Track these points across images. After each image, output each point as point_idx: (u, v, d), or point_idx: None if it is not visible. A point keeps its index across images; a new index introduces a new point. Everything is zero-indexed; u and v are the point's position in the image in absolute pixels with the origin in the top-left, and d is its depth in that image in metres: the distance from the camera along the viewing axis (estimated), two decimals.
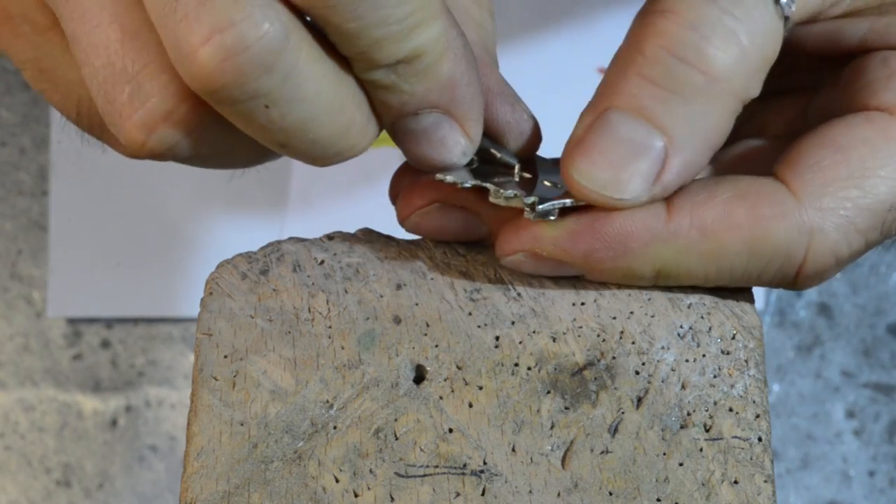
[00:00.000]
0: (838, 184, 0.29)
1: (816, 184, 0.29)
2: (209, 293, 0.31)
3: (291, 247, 0.32)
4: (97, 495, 0.62)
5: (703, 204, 0.29)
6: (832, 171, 0.29)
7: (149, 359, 0.63)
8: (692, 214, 0.29)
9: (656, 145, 0.28)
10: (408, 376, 0.30)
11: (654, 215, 0.29)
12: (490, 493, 0.29)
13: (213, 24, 0.24)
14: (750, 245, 0.29)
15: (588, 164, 0.29)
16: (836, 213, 0.29)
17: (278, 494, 0.29)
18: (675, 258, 0.29)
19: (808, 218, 0.29)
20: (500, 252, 0.30)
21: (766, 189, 0.29)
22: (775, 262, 0.29)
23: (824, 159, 0.29)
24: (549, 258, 0.30)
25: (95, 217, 0.63)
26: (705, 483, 0.29)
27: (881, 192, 0.29)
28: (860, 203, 0.29)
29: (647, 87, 0.29)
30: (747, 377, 0.30)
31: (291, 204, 0.63)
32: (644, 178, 0.29)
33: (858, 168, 0.29)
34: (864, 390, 0.64)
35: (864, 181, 0.29)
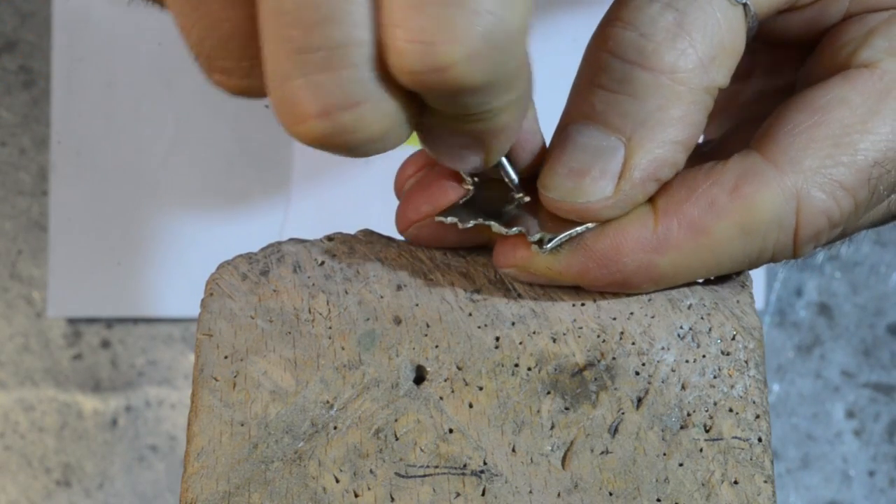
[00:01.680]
0: (817, 144, 0.29)
1: (795, 148, 0.29)
2: (209, 294, 0.31)
3: (292, 248, 0.32)
4: (97, 495, 0.62)
5: (686, 201, 0.29)
6: (809, 133, 0.29)
7: (149, 359, 0.63)
8: (678, 215, 0.29)
9: (615, 147, 0.29)
10: (408, 377, 0.30)
11: (642, 225, 0.29)
12: (490, 493, 0.29)
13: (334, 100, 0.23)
14: (741, 226, 0.29)
15: (552, 177, 0.29)
16: (819, 172, 0.29)
17: (278, 495, 0.29)
18: (671, 262, 0.29)
19: (790, 183, 0.29)
20: (496, 263, 0.31)
21: (743, 166, 0.29)
22: (770, 236, 0.29)
23: (800, 123, 0.29)
24: (544, 276, 0.30)
25: (95, 217, 0.63)
26: (705, 483, 0.29)
27: (862, 147, 0.29)
28: (842, 160, 0.29)
29: (598, 93, 0.29)
30: (747, 378, 0.30)
31: (292, 205, 0.63)
32: (608, 179, 0.29)
33: (837, 126, 0.29)
34: (864, 390, 0.64)
35: (843, 138, 0.29)
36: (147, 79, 0.63)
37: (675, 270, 0.30)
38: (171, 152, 0.63)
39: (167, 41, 0.63)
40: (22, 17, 0.65)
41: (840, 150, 0.29)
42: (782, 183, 0.29)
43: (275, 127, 0.69)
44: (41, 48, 0.65)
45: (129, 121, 0.63)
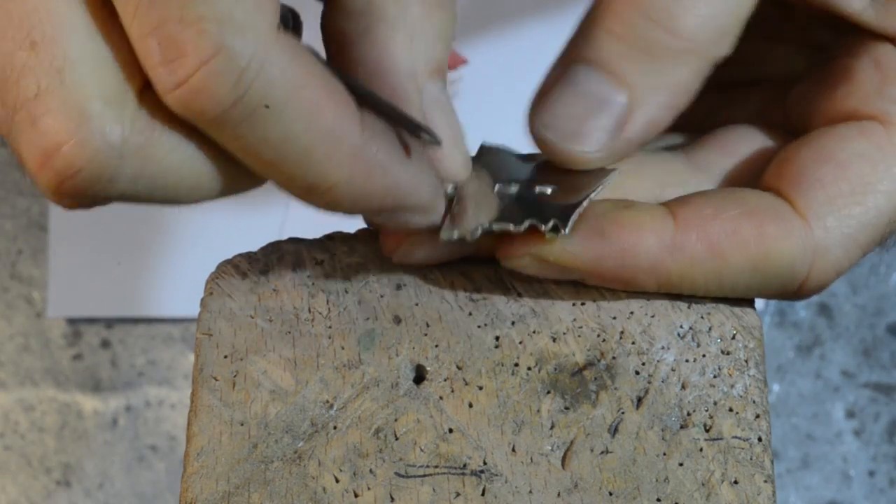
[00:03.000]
0: (841, 201, 0.29)
1: (819, 202, 0.29)
2: (209, 293, 0.31)
3: (291, 247, 0.32)
4: (97, 495, 0.62)
5: (711, 219, 0.29)
6: (834, 188, 0.29)
7: (149, 359, 0.63)
8: (699, 229, 0.29)
9: (619, 101, 0.29)
10: (408, 376, 0.30)
11: (663, 226, 0.29)
12: (490, 493, 0.29)
13: (42, 148, 0.23)
14: (754, 262, 0.29)
15: (551, 117, 0.29)
16: (840, 231, 0.29)
17: (278, 494, 0.29)
18: (679, 271, 0.29)
19: (813, 237, 0.29)
20: (506, 255, 0.30)
21: (771, 207, 0.30)
22: (778, 279, 0.30)
23: (824, 176, 0.30)
24: (556, 263, 0.30)
25: (95, 217, 0.62)
26: (705, 483, 0.29)
27: (882, 206, 0.30)
28: (863, 220, 0.29)
29: (613, 42, 0.29)
30: (747, 377, 0.30)
31: (292, 204, 0.63)
32: (606, 132, 0.29)
33: (859, 184, 0.29)
34: (864, 390, 0.64)
35: (865, 197, 0.29)
36: None
37: (681, 280, 0.30)
38: None
39: None
40: None
41: (862, 209, 0.29)
42: (805, 236, 0.29)
43: None
44: None
45: None
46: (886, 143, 0.30)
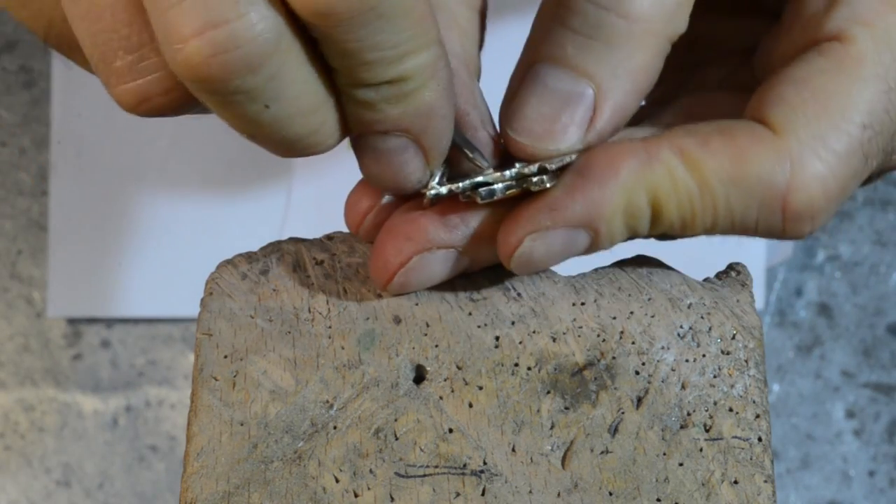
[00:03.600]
0: (807, 110, 0.29)
1: (787, 114, 0.29)
2: (209, 293, 0.31)
3: (291, 247, 0.32)
4: (97, 495, 0.62)
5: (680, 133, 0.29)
6: (798, 101, 0.29)
7: (149, 359, 0.63)
8: (670, 141, 0.29)
9: (585, 93, 0.29)
10: (408, 376, 0.30)
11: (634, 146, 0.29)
12: (490, 493, 0.29)
13: (207, 18, 0.23)
14: (731, 175, 0.29)
15: (521, 121, 0.29)
16: (813, 137, 0.29)
17: (278, 494, 0.29)
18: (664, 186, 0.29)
19: (786, 145, 0.29)
20: (507, 249, 0.29)
21: (740, 124, 0.29)
22: (757, 194, 0.29)
23: (787, 93, 0.29)
24: (555, 227, 0.29)
25: (95, 217, 0.63)
26: (705, 483, 0.29)
27: (849, 112, 0.29)
28: (833, 124, 0.29)
29: (570, 36, 0.29)
30: (747, 377, 0.30)
31: (292, 203, 0.63)
32: (577, 126, 0.29)
33: (822, 95, 0.29)
34: (864, 390, 0.64)
35: (829, 104, 0.29)
36: None
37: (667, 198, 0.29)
38: (171, 152, 0.63)
39: None
40: None
41: (829, 115, 0.29)
42: (778, 145, 0.29)
43: None
44: (41, 48, 0.65)
45: (129, 121, 0.63)
46: (845, 56, 0.30)
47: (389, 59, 0.25)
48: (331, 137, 0.27)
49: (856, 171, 0.29)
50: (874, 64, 0.29)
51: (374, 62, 0.25)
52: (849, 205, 0.66)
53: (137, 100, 0.26)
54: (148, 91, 0.26)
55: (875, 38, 0.29)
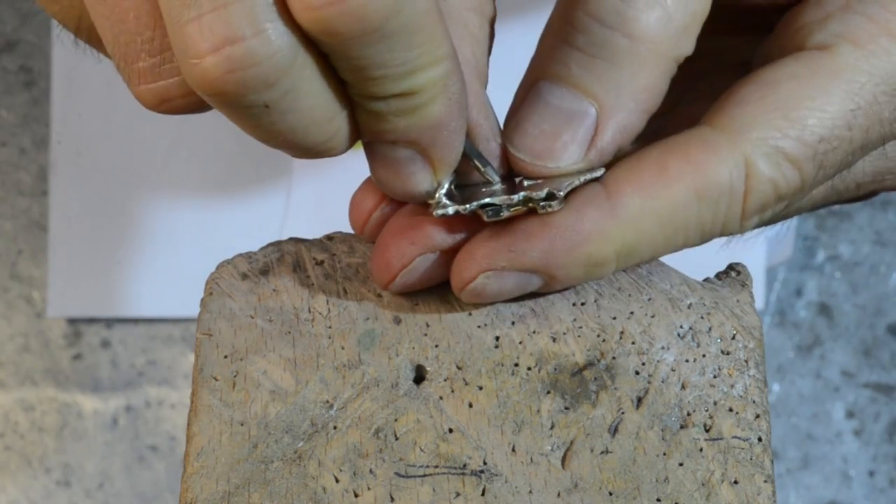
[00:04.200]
0: (766, 116, 0.29)
1: (745, 118, 0.29)
2: (209, 293, 0.31)
3: (291, 247, 0.32)
4: (97, 495, 0.62)
5: (636, 168, 0.29)
6: (758, 105, 0.29)
7: (149, 359, 0.63)
8: (629, 181, 0.29)
9: (588, 112, 0.29)
10: (408, 376, 0.30)
11: (596, 195, 0.29)
12: (490, 493, 0.29)
13: (224, 34, 0.24)
14: (696, 191, 0.29)
15: (522, 137, 0.29)
16: (766, 142, 0.29)
17: (278, 494, 0.29)
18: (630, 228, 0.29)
19: (740, 149, 0.29)
20: (461, 283, 0.30)
21: (693, 135, 0.29)
22: (723, 202, 0.29)
23: (751, 95, 0.29)
24: (510, 269, 0.29)
25: (95, 217, 0.63)
26: (705, 483, 0.29)
27: (809, 122, 0.29)
28: (789, 133, 0.29)
29: (574, 55, 0.29)
30: (747, 377, 0.30)
31: (292, 204, 0.63)
32: (578, 144, 0.29)
33: (785, 101, 0.29)
34: (864, 390, 0.64)
35: (791, 112, 0.29)
36: None
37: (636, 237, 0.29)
38: (171, 152, 0.63)
39: None
40: (22, 17, 0.65)
41: (788, 123, 0.29)
42: (732, 149, 0.29)
43: None
44: (41, 48, 0.65)
45: (129, 121, 0.63)
46: (821, 65, 0.29)
47: (398, 75, 0.25)
48: (344, 143, 0.27)
49: (807, 178, 0.29)
50: (849, 81, 0.29)
51: (383, 78, 0.25)
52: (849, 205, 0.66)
53: (158, 100, 0.26)
54: (169, 92, 0.26)
55: (857, 57, 0.29)
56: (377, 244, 0.30)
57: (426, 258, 0.30)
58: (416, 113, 0.26)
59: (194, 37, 0.24)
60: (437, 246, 0.30)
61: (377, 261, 0.30)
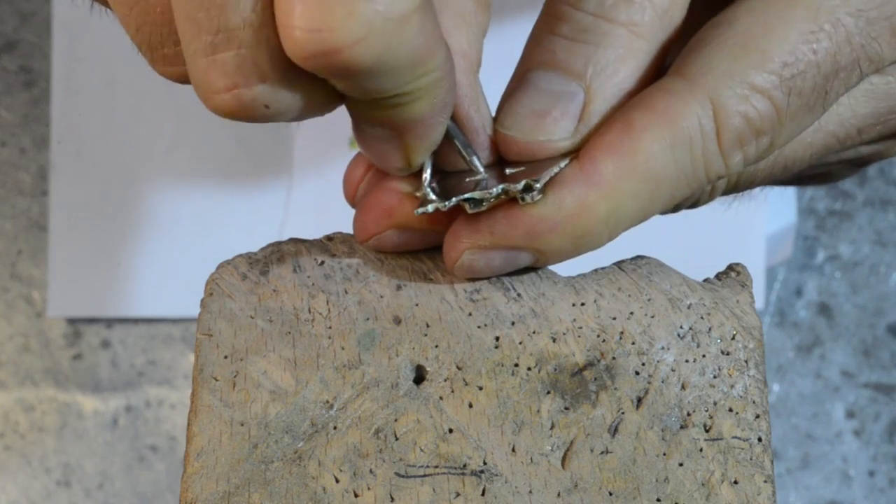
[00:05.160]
0: (724, 52, 0.29)
1: (703, 59, 0.29)
2: (209, 294, 0.31)
3: (292, 247, 0.32)
4: (97, 495, 0.62)
5: (603, 132, 0.29)
6: (716, 44, 0.29)
7: (149, 359, 0.63)
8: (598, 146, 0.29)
9: (576, 92, 0.29)
10: (408, 377, 0.30)
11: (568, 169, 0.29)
12: (490, 493, 0.29)
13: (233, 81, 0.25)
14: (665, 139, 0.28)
15: (512, 117, 0.29)
16: (728, 76, 0.28)
17: (278, 494, 0.29)
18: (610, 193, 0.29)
19: (702, 89, 0.28)
20: (450, 261, 0.30)
21: (656, 87, 0.29)
22: (696, 143, 0.29)
23: (709, 35, 0.29)
24: (494, 247, 0.29)
25: (95, 217, 0.63)
26: (705, 483, 0.29)
27: (769, 50, 0.29)
28: (749, 62, 0.29)
29: (559, 41, 0.29)
30: (747, 377, 0.31)
31: (292, 204, 0.63)
32: (569, 119, 0.29)
33: (743, 34, 0.29)
34: (864, 390, 0.64)
35: (749, 44, 0.29)
36: (147, 79, 0.63)
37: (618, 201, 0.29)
38: (171, 152, 0.63)
39: None
40: (22, 17, 0.65)
41: (747, 54, 0.29)
42: (694, 90, 0.29)
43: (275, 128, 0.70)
44: (41, 48, 0.65)
45: (129, 121, 0.63)
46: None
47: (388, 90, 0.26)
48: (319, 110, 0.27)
49: (780, 105, 0.29)
50: (807, 5, 0.29)
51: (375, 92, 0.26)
52: (849, 205, 0.66)
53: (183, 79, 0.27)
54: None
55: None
56: (360, 203, 0.31)
57: (399, 232, 0.30)
58: (399, 108, 0.27)
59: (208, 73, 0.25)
60: (409, 225, 0.30)
61: (356, 219, 0.31)
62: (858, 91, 0.32)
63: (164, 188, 0.63)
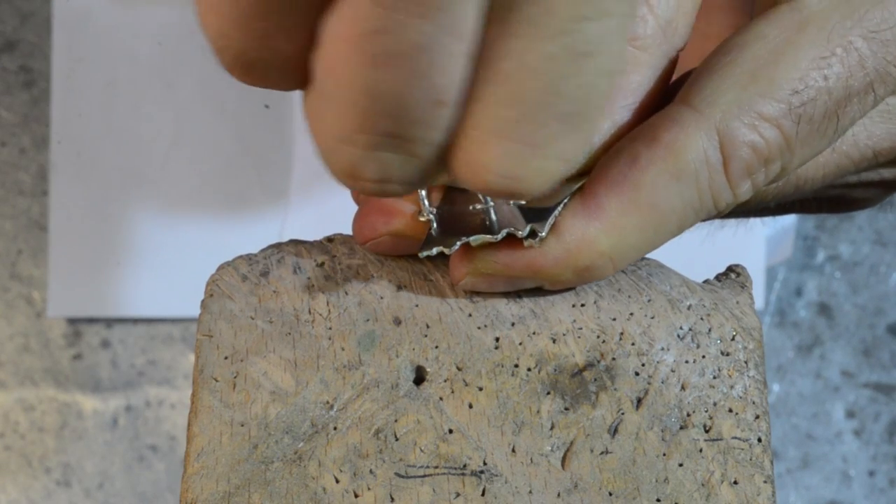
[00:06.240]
0: (732, 80, 0.28)
1: (710, 87, 0.28)
2: (209, 295, 0.31)
3: (292, 248, 0.32)
4: (97, 495, 0.62)
5: (607, 164, 0.28)
6: (724, 71, 0.28)
7: (149, 359, 0.63)
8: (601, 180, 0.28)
9: None
10: (408, 377, 0.30)
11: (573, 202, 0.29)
12: (490, 493, 0.29)
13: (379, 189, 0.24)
14: (670, 173, 0.28)
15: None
16: (735, 106, 0.28)
17: (279, 495, 0.29)
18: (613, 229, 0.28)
19: (708, 120, 0.28)
20: (454, 280, 0.30)
21: (661, 116, 0.29)
22: (702, 176, 0.28)
23: (718, 63, 0.29)
24: (496, 275, 0.30)
25: (95, 217, 0.63)
26: (705, 483, 0.29)
27: (778, 77, 0.28)
28: (757, 91, 0.28)
29: None
30: (747, 378, 0.31)
31: (292, 205, 0.63)
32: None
33: (752, 61, 0.28)
34: (864, 390, 0.64)
35: (758, 71, 0.28)
36: (147, 79, 0.63)
37: (621, 236, 0.29)
38: (171, 152, 0.63)
39: (167, 41, 0.63)
40: (22, 17, 0.65)
41: (756, 82, 0.28)
42: (699, 121, 0.28)
43: (275, 128, 0.70)
44: (41, 48, 0.65)
45: (129, 121, 0.63)
46: (789, 21, 0.28)
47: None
48: None
49: (789, 133, 0.28)
50: (818, 30, 0.28)
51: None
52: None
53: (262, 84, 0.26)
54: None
55: (832, 7, 0.28)
56: (360, 206, 0.31)
57: (396, 239, 0.31)
58: None
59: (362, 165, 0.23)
60: (405, 234, 0.30)
61: (356, 221, 0.31)
62: (874, 111, 0.31)
63: (165, 188, 0.63)
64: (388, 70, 0.21)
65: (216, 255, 0.33)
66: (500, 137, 0.23)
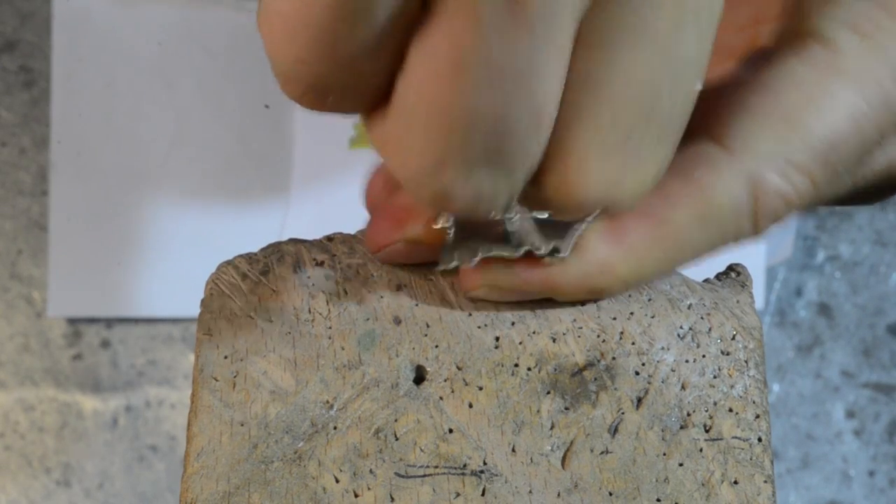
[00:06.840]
0: (769, 126, 0.28)
1: (746, 130, 0.28)
2: (209, 294, 0.31)
3: (292, 248, 0.32)
4: (97, 495, 0.62)
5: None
6: (761, 114, 0.28)
7: (149, 359, 0.63)
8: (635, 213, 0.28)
9: None
10: (408, 377, 0.30)
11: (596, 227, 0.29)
12: (490, 493, 0.29)
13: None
14: (699, 215, 0.28)
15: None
16: (772, 155, 0.28)
17: (278, 495, 0.29)
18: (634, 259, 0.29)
19: (742, 166, 0.28)
20: (464, 287, 0.30)
21: (696, 153, 0.28)
22: (729, 222, 0.28)
23: (752, 102, 0.28)
24: (509, 288, 0.30)
25: (95, 217, 0.63)
26: (705, 483, 0.29)
27: (815, 127, 0.28)
28: (794, 140, 0.28)
29: None
30: (747, 378, 0.31)
31: (292, 205, 0.63)
32: None
33: (788, 107, 0.28)
34: (864, 390, 0.64)
35: (794, 118, 0.28)
36: (147, 79, 0.63)
37: (641, 265, 0.29)
38: (171, 152, 0.63)
39: (167, 41, 0.63)
40: (22, 17, 0.65)
41: (793, 131, 0.28)
42: (735, 168, 0.28)
43: (275, 128, 0.70)
44: (41, 48, 0.65)
45: (129, 121, 0.63)
46: (824, 64, 0.28)
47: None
48: None
49: (821, 185, 0.29)
50: (854, 78, 0.28)
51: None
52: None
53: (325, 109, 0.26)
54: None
55: (862, 49, 0.28)
56: (373, 212, 0.31)
57: (409, 246, 0.30)
58: None
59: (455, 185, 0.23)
60: (419, 240, 0.30)
61: (368, 231, 0.31)
62: None
63: (165, 188, 0.63)
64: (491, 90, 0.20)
65: (216, 255, 0.33)
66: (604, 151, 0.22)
